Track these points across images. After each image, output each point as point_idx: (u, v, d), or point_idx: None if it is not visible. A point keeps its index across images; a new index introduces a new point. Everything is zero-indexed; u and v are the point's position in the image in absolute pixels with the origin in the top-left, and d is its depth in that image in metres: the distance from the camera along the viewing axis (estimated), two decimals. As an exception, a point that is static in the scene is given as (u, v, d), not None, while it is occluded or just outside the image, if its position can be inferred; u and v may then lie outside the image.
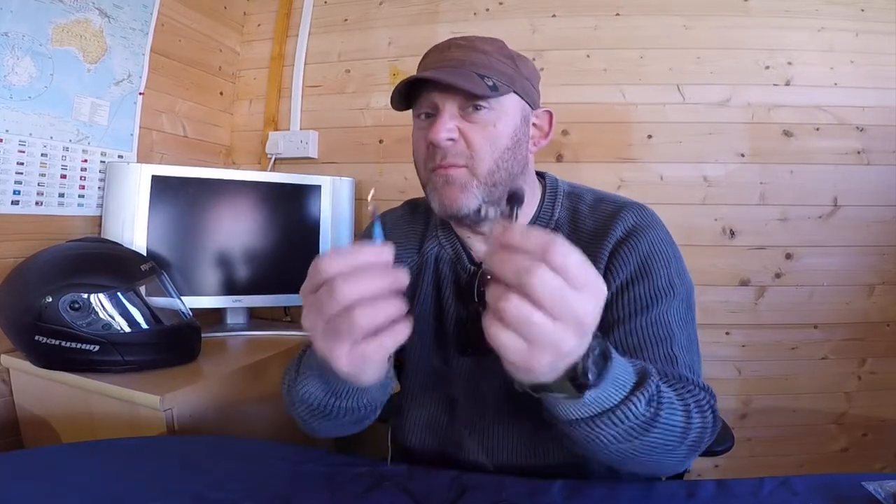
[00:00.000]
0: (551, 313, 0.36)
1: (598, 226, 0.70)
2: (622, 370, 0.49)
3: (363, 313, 0.39)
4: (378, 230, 0.45)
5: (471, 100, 0.64)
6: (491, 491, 0.60)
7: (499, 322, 0.37)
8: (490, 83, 0.64)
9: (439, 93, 0.65)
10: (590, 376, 0.44)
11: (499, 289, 0.37)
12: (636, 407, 0.49)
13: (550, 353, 0.38)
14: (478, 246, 0.74)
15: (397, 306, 0.40)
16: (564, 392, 0.46)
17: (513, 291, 0.36)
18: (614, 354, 0.48)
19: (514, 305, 0.36)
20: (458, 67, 0.65)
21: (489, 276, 0.39)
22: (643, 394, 0.49)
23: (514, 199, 0.51)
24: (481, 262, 0.72)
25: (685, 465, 0.59)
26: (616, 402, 0.48)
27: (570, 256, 0.37)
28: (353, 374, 0.43)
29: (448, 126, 0.64)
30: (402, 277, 0.41)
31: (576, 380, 0.44)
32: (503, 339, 0.37)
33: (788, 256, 1.43)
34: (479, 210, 0.66)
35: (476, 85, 0.63)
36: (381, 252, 0.40)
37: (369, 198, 0.49)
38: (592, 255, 0.67)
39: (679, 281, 0.67)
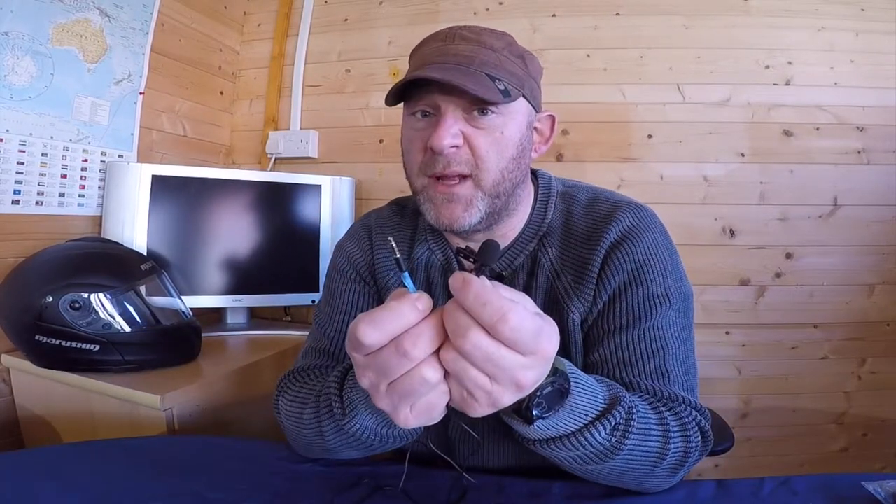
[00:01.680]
0: (486, 374, 0.37)
1: (592, 227, 0.66)
2: (585, 400, 0.48)
3: (431, 370, 0.37)
4: (409, 280, 0.43)
5: (478, 104, 0.58)
6: (491, 492, 0.60)
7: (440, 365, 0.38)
8: (501, 87, 0.58)
9: (442, 93, 0.58)
10: (534, 412, 0.43)
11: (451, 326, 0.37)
12: (595, 436, 0.48)
13: (485, 405, 0.38)
14: None
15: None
16: (512, 418, 0.46)
17: (452, 345, 0.36)
18: (577, 387, 0.47)
19: (452, 359, 0.37)
20: (466, 65, 0.58)
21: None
22: (605, 423, 0.49)
23: (487, 253, 0.46)
24: (473, 272, 0.68)
25: (668, 484, 0.57)
26: (573, 430, 0.48)
27: (523, 328, 0.35)
28: (420, 424, 0.41)
29: (452, 131, 0.58)
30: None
31: (519, 412, 0.44)
32: (451, 385, 0.38)
33: (788, 256, 1.43)
34: (479, 222, 0.62)
35: (487, 89, 0.56)
36: (419, 303, 0.38)
37: (394, 245, 0.46)
38: (584, 259, 0.65)
39: (676, 289, 0.64)
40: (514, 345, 0.36)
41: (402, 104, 0.65)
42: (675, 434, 0.55)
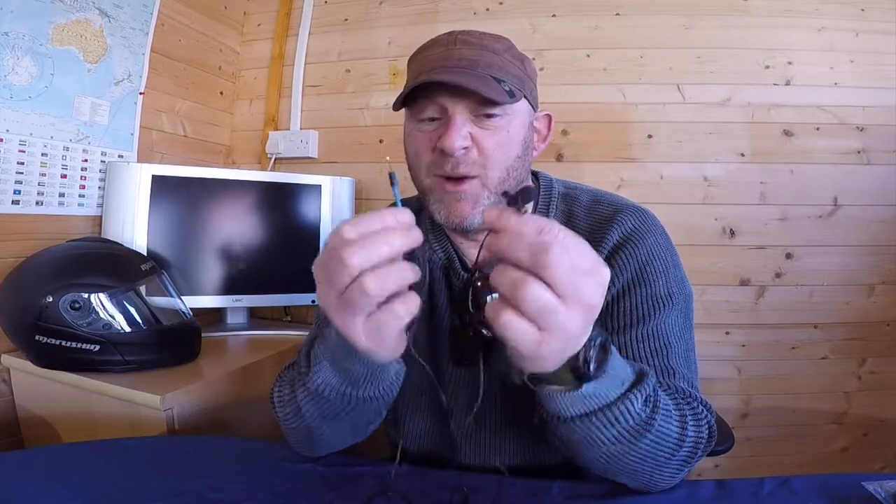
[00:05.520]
0: (562, 296, 0.37)
1: (594, 229, 0.67)
2: (621, 366, 0.49)
3: (373, 280, 0.38)
4: (397, 192, 0.45)
5: (485, 105, 0.60)
6: (492, 493, 0.60)
7: (513, 310, 0.37)
8: (507, 88, 0.60)
9: (450, 96, 0.59)
10: (591, 366, 0.44)
11: (513, 274, 0.37)
12: (633, 405, 0.48)
13: (561, 339, 0.38)
14: (471, 252, 0.70)
15: (408, 272, 0.40)
16: (564, 383, 0.46)
17: (531, 277, 0.36)
18: (613, 349, 0.48)
19: (536, 294, 0.36)
20: (472, 69, 0.60)
21: (483, 276, 0.39)
22: (640, 392, 0.49)
23: (523, 196, 0.45)
24: (475, 271, 0.67)
25: (674, 481, 0.58)
26: (613, 399, 0.48)
27: (570, 238, 0.37)
28: (372, 349, 0.43)
29: (462, 133, 0.60)
30: (417, 236, 0.41)
31: (577, 370, 0.44)
32: (516, 329, 0.37)
33: (788, 256, 1.43)
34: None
35: (495, 90, 0.58)
36: (397, 214, 0.40)
37: (387, 161, 0.49)
38: None
39: (678, 290, 0.65)
40: (573, 256, 0.37)
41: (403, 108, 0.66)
42: (690, 422, 0.55)
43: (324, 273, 0.41)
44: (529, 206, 0.70)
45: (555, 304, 0.37)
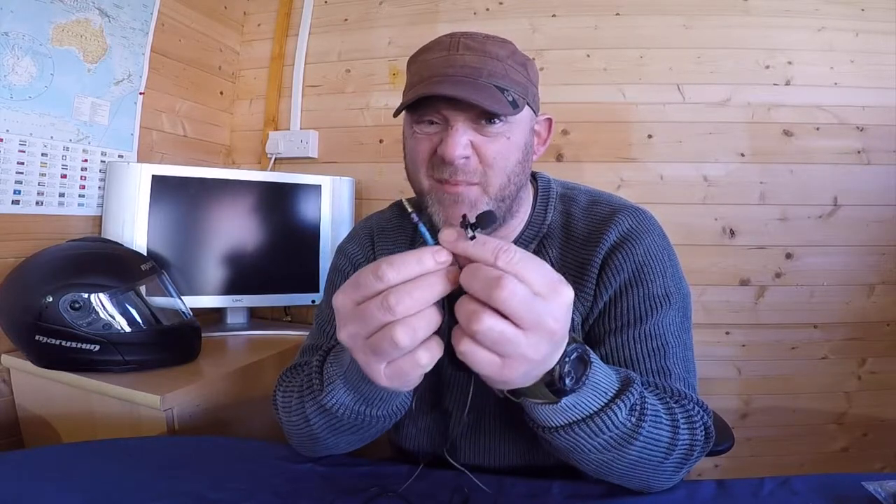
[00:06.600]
0: (522, 325, 0.36)
1: (591, 230, 0.67)
2: (603, 376, 0.48)
3: (404, 333, 0.36)
4: (427, 234, 0.42)
5: (487, 115, 0.59)
6: (492, 492, 0.60)
7: (470, 340, 0.37)
8: (510, 98, 0.59)
9: (451, 107, 0.59)
10: (567, 381, 0.43)
11: (468, 306, 0.36)
12: (616, 415, 0.48)
13: (524, 365, 0.38)
14: None
15: (438, 318, 0.38)
16: (542, 397, 0.46)
17: (484, 309, 0.35)
18: (594, 360, 0.47)
19: (488, 326, 0.35)
20: (475, 77, 0.59)
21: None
22: (625, 401, 0.49)
23: (485, 220, 0.43)
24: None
25: (671, 482, 0.58)
26: (596, 409, 0.48)
27: (526, 263, 0.36)
28: (393, 387, 0.42)
29: (463, 142, 0.59)
30: (455, 275, 0.38)
31: (552, 385, 0.43)
32: (476, 357, 0.37)
33: (788, 256, 1.43)
34: None
35: (497, 102, 0.58)
36: (436, 255, 0.38)
37: (406, 204, 0.44)
38: (584, 260, 0.66)
39: (675, 289, 0.65)
40: (530, 282, 0.36)
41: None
42: (682, 425, 0.55)
43: (355, 311, 0.39)
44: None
45: (512, 333, 0.36)
